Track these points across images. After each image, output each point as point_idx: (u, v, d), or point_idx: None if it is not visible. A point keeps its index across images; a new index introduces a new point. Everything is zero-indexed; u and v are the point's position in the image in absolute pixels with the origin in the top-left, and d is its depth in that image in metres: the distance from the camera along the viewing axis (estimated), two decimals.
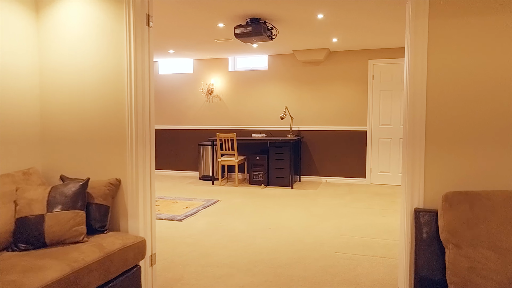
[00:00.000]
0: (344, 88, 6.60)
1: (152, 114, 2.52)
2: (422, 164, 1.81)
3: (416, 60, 1.79)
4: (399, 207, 4.93)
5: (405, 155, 1.90)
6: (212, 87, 7.34)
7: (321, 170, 6.82)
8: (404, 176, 1.92)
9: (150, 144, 2.52)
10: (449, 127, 1.79)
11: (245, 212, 4.73)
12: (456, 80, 1.78)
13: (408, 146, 1.86)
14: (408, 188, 1.84)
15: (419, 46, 1.79)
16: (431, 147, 1.81)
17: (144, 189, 2.47)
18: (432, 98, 1.79)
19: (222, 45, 6.02)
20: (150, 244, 2.53)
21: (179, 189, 6.27)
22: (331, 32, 5.13)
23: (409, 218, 1.84)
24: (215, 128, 7.39)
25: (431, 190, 1.81)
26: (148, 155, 2.49)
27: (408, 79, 1.83)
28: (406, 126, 1.88)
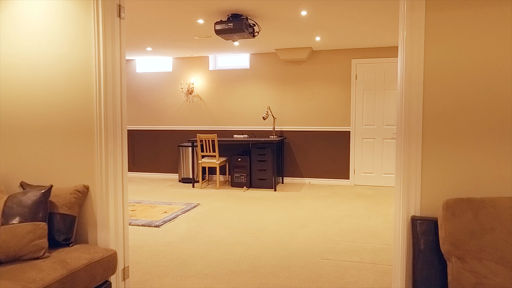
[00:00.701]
0: (327, 88, 6.49)
1: (124, 112, 2.30)
2: (419, 168, 1.67)
3: (412, 55, 1.65)
4: (384, 210, 4.84)
5: (400, 157, 1.76)
6: (192, 86, 7.11)
7: (304, 172, 6.69)
8: (398, 181, 1.78)
9: (122, 145, 2.30)
10: (448, 127, 1.65)
11: (226, 217, 4.53)
12: (456, 75, 1.65)
13: (403, 148, 1.71)
14: (403, 194, 1.70)
15: (415, 41, 1.65)
16: (428, 149, 1.67)
17: (116, 196, 2.25)
18: (430, 95, 1.65)
19: (202, 42, 5.81)
20: (122, 257, 2.31)
21: (158, 192, 6.01)
22: (315, 30, 5.00)
23: (405, 226, 1.70)
24: (195, 128, 7.16)
25: (429, 196, 1.67)
26: (119, 158, 2.27)
27: (403, 75, 1.69)
28: (401, 126, 1.74)
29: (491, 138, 1.66)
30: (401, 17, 1.75)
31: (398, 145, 1.80)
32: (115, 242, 2.24)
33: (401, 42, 1.73)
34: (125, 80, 2.32)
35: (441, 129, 1.65)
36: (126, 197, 2.34)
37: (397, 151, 1.81)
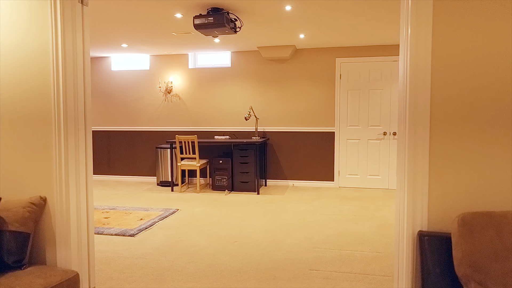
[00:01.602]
0: (311, 87, 6.31)
1: (88, 109, 2.02)
2: (426, 174, 1.46)
3: (417, 45, 1.45)
4: (371, 214, 4.68)
5: (403, 162, 1.55)
6: (171, 85, 6.79)
7: (287, 174, 6.49)
8: (401, 190, 1.57)
9: (86, 148, 2.01)
10: (461, 125, 1.45)
11: (207, 223, 4.27)
12: (470, 66, 1.46)
13: (407, 151, 1.50)
14: (408, 205, 1.49)
15: (422, 29, 1.44)
16: (437, 152, 1.46)
17: (78, 208, 1.97)
18: (438, 88, 1.45)
19: (181, 39, 5.51)
20: (87, 278, 2.02)
21: (134, 197, 5.68)
22: (299, 26, 4.80)
23: (410, 243, 1.49)
24: (174, 129, 6.85)
25: (438, 207, 1.46)
26: (82, 163, 1.98)
27: (408, 69, 1.48)
28: (404, 125, 1.53)
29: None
30: (404, 5, 1.54)
31: (401, 147, 1.59)
32: (78, 262, 1.95)
33: (405, 33, 1.53)
34: (89, 72, 2.03)
35: (453, 128, 1.45)
36: (91, 208, 2.05)
37: (399, 155, 1.60)
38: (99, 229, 4.00)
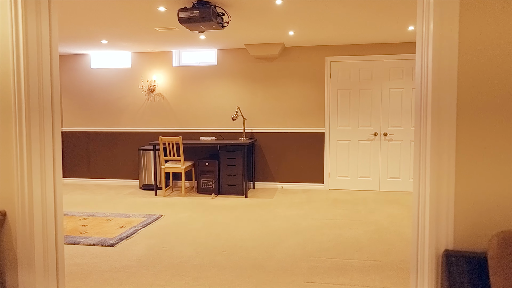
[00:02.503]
0: (300, 86, 6.11)
1: (56, 106, 1.74)
2: (452, 180, 1.26)
3: (441, 34, 1.24)
4: (364, 217, 4.51)
5: (422, 165, 1.34)
6: (154, 84, 6.49)
7: (276, 176, 6.28)
8: (420, 199, 1.36)
9: (53, 153, 1.74)
10: (496, 122, 1.25)
11: (193, 230, 4.01)
12: (501, 55, 1.26)
13: (429, 152, 1.29)
14: (430, 218, 1.28)
15: (446, 18, 1.24)
16: (465, 153, 1.25)
17: (45, 223, 1.69)
18: (466, 81, 1.25)
19: (165, 35, 5.23)
20: None
21: (115, 202, 5.36)
22: (289, 23, 4.59)
23: (433, 264, 1.28)
24: (157, 130, 6.55)
25: (467, 221, 1.26)
26: (50, 169, 1.71)
27: (430, 61, 1.28)
28: (424, 123, 1.32)
29: None
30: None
31: (419, 148, 1.38)
32: (45, 287, 1.68)
33: (425, 23, 1.32)
34: (57, 64, 1.76)
35: (485, 124, 1.25)
36: (60, 222, 1.78)
37: (417, 157, 1.40)
38: (76, 239, 3.69)
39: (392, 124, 5.90)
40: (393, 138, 5.91)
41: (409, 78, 5.79)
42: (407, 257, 3.23)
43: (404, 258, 3.21)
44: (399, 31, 5.02)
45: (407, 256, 3.24)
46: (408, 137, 5.86)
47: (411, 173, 5.89)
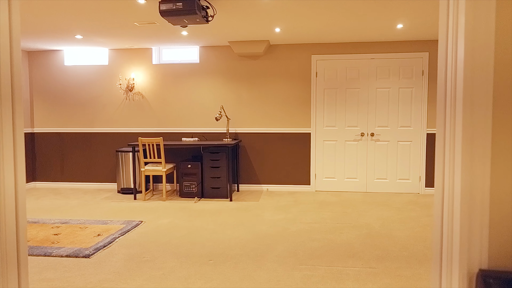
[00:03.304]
0: (285, 85, 5.94)
1: (18, 106, 1.48)
2: (487, 184, 1.08)
3: (474, 22, 1.07)
4: (354, 220, 4.37)
5: (449, 168, 1.17)
6: (133, 82, 6.18)
7: (261, 178, 6.08)
8: (447, 207, 1.19)
9: (14, 155, 1.48)
10: None
11: (176, 238, 3.76)
12: None
13: (461, 152, 1.11)
14: (461, 231, 1.11)
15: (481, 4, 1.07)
16: (502, 152, 1.08)
17: (4, 235, 1.43)
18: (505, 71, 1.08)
19: (145, 30, 4.95)
20: None
21: (91, 207, 5.03)
22: (275, 18, 4.40)
23: (464, 286, 1.11)
24: (136, 131, 6.24)
25: (505, 236, 1.09)
26: (10, 175, 1.45)
27: (462, 54, 1.10)
28: (452, 120, 1.15)
29: None
30: None
31: (442, 150, 1.21)
32: None
33: (451, 9, 1.15)
34: (18, 58, 1.49)
35: None
36: (22, 233, 1.51)
37: (440, 156, 1.22)
38: (47, 250, 3.38)
39: (379, 124, 5.80)
40: (380, 138, 5.81)
41: (396, 78, 5.70)
42: (402, 263, 3.09)
43: (399, 264, 3.07)
44: (387, 29, 4.92)
45: (402, 263, 3.10)
46: (395, 138, 5.78)
47: (398, 173, 5.82)
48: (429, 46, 5.60)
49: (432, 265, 1.30)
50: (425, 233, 3.86)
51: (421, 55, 5.62)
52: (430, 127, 5.68)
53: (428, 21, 4.56)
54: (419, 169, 5.76)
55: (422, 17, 4.36)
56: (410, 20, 4.47)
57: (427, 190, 5.76)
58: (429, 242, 3.57)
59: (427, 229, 4.00)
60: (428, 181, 5.75)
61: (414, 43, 5.62)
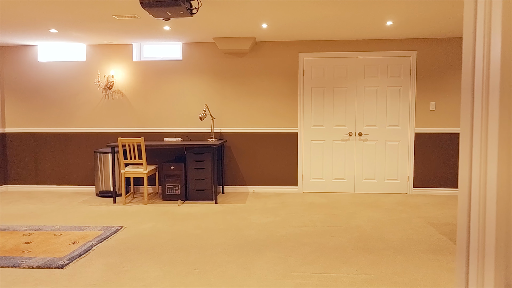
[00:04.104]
0: (272, 84, 5.77)
1: None
2: None
3: None
4: (344, 223, 4.23)
5: (479, 167, 1.01)
6: (112, 80, 5.89)
7: (247, 179, 5.89)
8: (476, 213, 1.03)
9: None
10: None
11: (159, 244, 3.52)
12: None
13: (499, 144, 0.96)
14: (496, 241, 0.95)
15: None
16: None
17: None
18: None
19: (124, 24, 4.68)
20: None
21: (67, 212, 4.73)
22: (262, 13, 4.22)
23: None
24: (116, 131, 5.95)
25: None
26: None
27: (500, 34, 0.94)
28: (485, 113, 0.99)
29: None
30: None
31: (468, 149, 1.05)
32: None
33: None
34: None
35: None
36: None
37: (466, 156, 1.06)
38: (16, 261, 3.10)
39: (367, 124, 5.70)
40: (368, 138, 5.71)
41: (384, 76, 5.61)
42: (398, 268, 2.96)
43: (395, 270, 2.93)
44: (375, 26, 4.81)
45: (398, 268, 2.97)
46: (383, 137, 5.68)
47: (386, 174, 5.73)
48: (417, 45, 5.53)
49: (456, 278, 1.14)
50: (417, 235, 3.75)
51: (409, 53, 5.54)
52: (418, 126, 5.61)
53: (417, 19, 4.47)
54: (407, 169, 5.69)
55: (411, 14, 4.27)
56: (399, 17, 4.37)
57: (415, 190, 5.69)
58: (423, 245, 3.46)
59: (419, 231, 3.89)
60: (416, 181, 5.69)
61: (402, 41, 5.55)
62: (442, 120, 5.58)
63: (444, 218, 4.36)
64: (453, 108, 5.55)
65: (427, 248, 3.40)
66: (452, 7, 3.99)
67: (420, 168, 5.67)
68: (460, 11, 4.16)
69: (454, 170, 5.62)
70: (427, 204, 5.06)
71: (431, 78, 5.55)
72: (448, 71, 5.52)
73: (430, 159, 5.64)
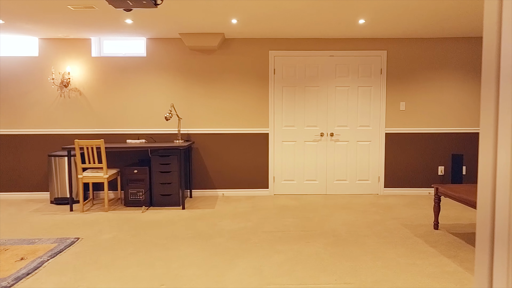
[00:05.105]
0: (242, 82, 5.54)
1: None
2: None
3: None
4: (319, 226, 4.08)
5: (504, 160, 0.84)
6: (68, 77, 5.43)
7: (216, 182, 5.63)
8: (501, 217, 0.86)
9: None
10: None
11: (120, 258, 3.20)
12: None
13: None
14: None
15: None
16: None
17: None
18: None
19: (81, 16, 4.29)
20: None
21: (16, 222, 4.27)
22: (232, 7, 3.98)
23: None
24: (73, 132, 5.49)
25: None
26: None
27: None
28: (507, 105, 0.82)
29: None
30: None
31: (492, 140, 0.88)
32: None
33: None
34: None
35: None
36: None
37: (486, 155, 0.89)
38: None
39: (338, 124, 5.61)
40: (340, 138, 5.62)
41: (355, 76, 5.54)
42: (378, 276, 2.83)
43: (375, 277, 2.80)
44: (347, 24, 4.71)
45: (378, 275, 2.84)
46: (354, 137, 5.62)
47: (357, 174, 5.66)
48: (387, 44, 5.51)
49: (475, 280, 0.97)
50: (393, 238, 3.66)
51: (379, 53, 5.51)
52: (388, 126, 5.59)
53: (388, 18, 4.40)
54: (378, 169, 5.66)
55: (383, 13, 4.19)
56: (371, 15, 4.29)
57: (386, 190, 5.67)
58: (400, 249, 3.36)
59: (394, 233, 3.81)
60: (387, 182, 5.67)
61: (373, 40, 5.50)
62: (412, 120, 5.59)
63: (417, 219, 4.32)
64: (422, 108, 5.57)
65: (404, 252, 3.31)
66: (422, 7, 3.94)
67: (390, 168, 5.65)
68: (429, 11, 4.13)
69: (423, 170, 5.65)
70: (399, 204, 5.03)
71: (401, 78, 5.55)
72: (417, 71, 5.54)
73: (400, 159, 5.64)
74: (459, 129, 5.59)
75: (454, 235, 3.74)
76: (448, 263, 3.04)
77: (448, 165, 5.64)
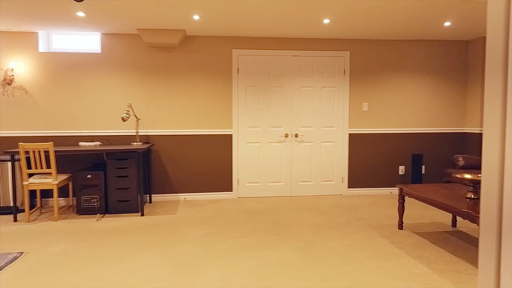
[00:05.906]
0: (204, 82, 5.33)
1: None
2: None
3: None
4: (286, 231, 3.96)
5: None
6: (12, 73, 4.94)
7: (178, 186, 5.37)
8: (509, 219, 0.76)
9: None
10: None
11: (72, 273, 2.89)
12: None
13: None
14: None
15: None
16: None
17: None
18: None
19: (26, 7, 3.89)
20: None
21: None
22: (194, 2, 3.78)
23: None
24: (17, 134, 5.01)
25: None
26: None
27: None
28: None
29: None
30: None
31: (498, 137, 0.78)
32: None
33: None
34: None
35: None
36: None
37: (490, 157, 0.79)
38: None
39: (303, 125, 5.55)
40: (304, 139, 5.57)
41: (319, 76, 5.51)
42: (348, 280, 2.75)
43: (345, 283, 2.71)
44: (311, 24, 4.65)
45: (347, 280, 2.76)
46: (318, 138, 5.58)
47: (322, 175, 5.63)
48: (350, 45, 5.53)
49: (481, 277, 0.86)
50: (360, 240, 3.63)
51: (342, 53, 5.51)
52: (352, 127, 5.61)
53: (352, 18, 4.39)
54: (342, 170, 5.66)
55: (348, 13, 4.16)
56: (336, 15, 4.25)
57: (349, 191, 5.69)
58: (367, 251, 3.32)
59: (360, 235, 3.78)
60: (351, 182, 5.69)
61: (336, 41, 5.50)
62: (374, 120, 5.65)
63: (381, 220, 4.33)
64: (384, 108, 5.65)
65: (371, 254, 3.27)
66: (387, 8, 3.96)
67: (354, 168, 5.68)
68: (393, 13, 4.16)
69: (385, 169, 5.73)
70: (363, 205, 5.05)
71: (363, 79, 5.59)
72: (380, 72, 5.61)
73: (363, 159, 5.68)
74: (419, 129, 5.73)
75: (418, 235, 3.77)
76: (415, 264, 3.03)
77: (408, 164, 5.76)
